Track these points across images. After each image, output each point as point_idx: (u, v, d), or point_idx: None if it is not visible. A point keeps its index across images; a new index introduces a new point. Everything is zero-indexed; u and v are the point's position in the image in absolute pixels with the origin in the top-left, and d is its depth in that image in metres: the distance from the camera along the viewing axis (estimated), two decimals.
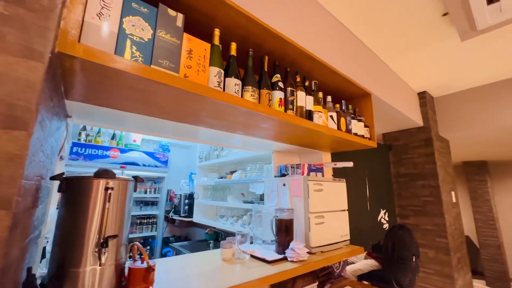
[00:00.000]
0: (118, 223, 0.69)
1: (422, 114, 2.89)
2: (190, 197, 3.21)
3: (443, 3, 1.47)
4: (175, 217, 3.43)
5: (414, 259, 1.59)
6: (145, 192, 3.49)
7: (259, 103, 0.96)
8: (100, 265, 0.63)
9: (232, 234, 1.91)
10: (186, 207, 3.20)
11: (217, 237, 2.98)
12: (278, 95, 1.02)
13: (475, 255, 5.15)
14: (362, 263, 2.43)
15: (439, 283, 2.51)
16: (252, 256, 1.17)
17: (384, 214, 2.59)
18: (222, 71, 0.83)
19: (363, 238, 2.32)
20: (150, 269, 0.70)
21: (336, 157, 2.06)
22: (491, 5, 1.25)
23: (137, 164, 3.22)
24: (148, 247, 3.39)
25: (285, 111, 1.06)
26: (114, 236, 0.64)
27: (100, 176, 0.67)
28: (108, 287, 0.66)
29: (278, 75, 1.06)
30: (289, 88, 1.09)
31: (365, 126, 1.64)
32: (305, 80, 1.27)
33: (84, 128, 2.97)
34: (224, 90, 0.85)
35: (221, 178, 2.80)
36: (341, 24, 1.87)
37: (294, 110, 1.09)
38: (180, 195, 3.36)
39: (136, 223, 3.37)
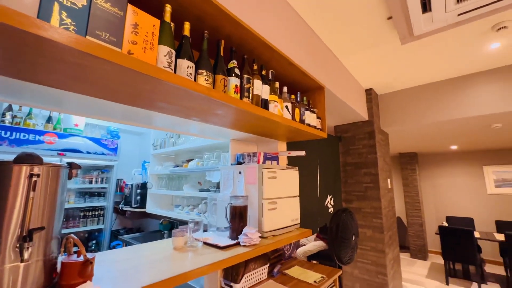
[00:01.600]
0: (46, 215, 0.61)
1: (368, 109, 3.19)
2: (143, 186, 3.02)
3: (388, 7, 1.62)
4: (126, 208, 3.21)
5: (353, 238, 1.78)
6: (90, 182, 3.17)
7: (213, 88, 0.93)
8: (22, 262, 0.55)
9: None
10: (138, 197, 3.01)
11: (172, 227, 2.90)
12: (234, 81, 1.01)
13: (404, 232, 6.04)
14: (312, 244, 2.64)
15: (374, 257, 2.89)
16: (205, 243, 1.17)
17: (330, 199, 2.83)
18: (174, 52, 0.78)
19: (313, 221, 2.51)
20: (87, 263, 0.65)
21: (292, 146, 2.15)
22: (425, 14, 1.42)
23: (79, 151, 2.89)
24: (94, 241, 3.12)
25: (241, 98, 1.05)
26: (40, 229, 0.57)
27: (22, 161, 0.58)
28: (35, 285, 0.59)
29: (235, 61, 1.05)
30: (245, 76, 1.08)
31: (318, 117, 1.74)
32: (262, 69, 1.27)
33: (9, 108, 2.52)
34: (175, 72, 0.80)
35: (177, 166, 2.70)
36: (301, 18, 1.91)
37: (250, 98, 1.09)
38: (132, 184, 3.14)
39: (80, 216, 3.06)
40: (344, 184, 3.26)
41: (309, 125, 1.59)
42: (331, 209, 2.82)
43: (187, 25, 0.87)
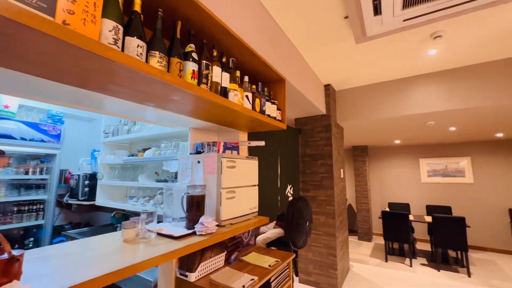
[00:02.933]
0: None
1: (326, 103, 3.37)
2: (92, 177, 2.77)
3: (345, 7, 1.71)
4: (72, 201, 2.91)
5: (307, 224, 1.91)
6: (27, 173, 2.78)
7: (168, 72, 0.88)
8: None
9: None
10: (87, 189, 2.76)
11: (126, 220, 2.73)
12: (191, 66, 0.97)
13: (354, 218, 6.67)
14: (271, 232, 2.75)
15: (326, 241, 3.14)
16: (159, 234, 1.13)
17: (290, 188, 2.97)
18: (121, 28, 0.71)
19: (274, 210, 2.61)
20: (12, 260, 0.57)
21: (253, 137, 2.18)
22: (376, 17, 1.54)
23: (11, 137, 2.51)
24: (32, 239, 2.78)
25: (199, 84, 1.02)
26: None
27: None
28: None
29: (193, 45, 1.00)
30: (204, 61, 1.05)
31: (278, 109, 1.78)
32: (222, 56, 1.24)
33: None
34: (123, 50, 0.73)
35: (132, 155, 2.53)
36: (265, 10, 1.91)
37: (209, 85, 1.06)
38: (79, 175, 2.86)
39: (13, 211, 2.68)
40: (302, 174, 3.44)
41: (269, 116, 1.62)
42: (290, 198, 2.96)
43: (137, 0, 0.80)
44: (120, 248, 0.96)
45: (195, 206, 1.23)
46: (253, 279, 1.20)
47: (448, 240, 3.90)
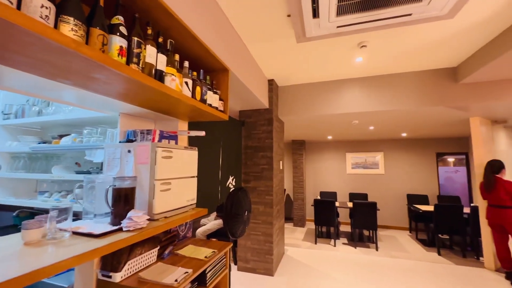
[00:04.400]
0: None
1: (269, 98, 3.49)
2: None
3: (288, 5, 1.77)
4: None
5: (246, 214, 1.96)
6: None
7: (86, 44, 0.75)
8: None
9: None
10: None
11: None
12: (118, 41, 0.85)
13: (290, 206, 7.21)
14: (211, 223, 2.72)
15: (264, 229, 3.31)
16: (75, 233, 0.98)
17: (232, 180, 2.99)
18: None
19: (215, 202, 2.59)
20: None
21: (195, 127, 2.09)
22: (315, 19, 1.65)
23: None
24: None
25: (128, 64, 0.90)
26: None
27: None
28: None
29: (121, 18, 0.88)
30: (135, 38, 0.93)
31: (220, 99, 1.75)
32: (158, 36, 1.13)
33: None
34: (19, 8, 0.59)
35: (44, 143, 2.11)
36: None
37: (141, 65, 0.96)
38: None
39: None
40: (244, 166, 3.51)
41: (210, 105, 1.57)
42: (232, 189, 2.98)
43: None
44: (18, 252, 0.79)
45: (123, 200, 1.11)
46: (187, 272, 1.17)
47: (363, 221, 4.62)
